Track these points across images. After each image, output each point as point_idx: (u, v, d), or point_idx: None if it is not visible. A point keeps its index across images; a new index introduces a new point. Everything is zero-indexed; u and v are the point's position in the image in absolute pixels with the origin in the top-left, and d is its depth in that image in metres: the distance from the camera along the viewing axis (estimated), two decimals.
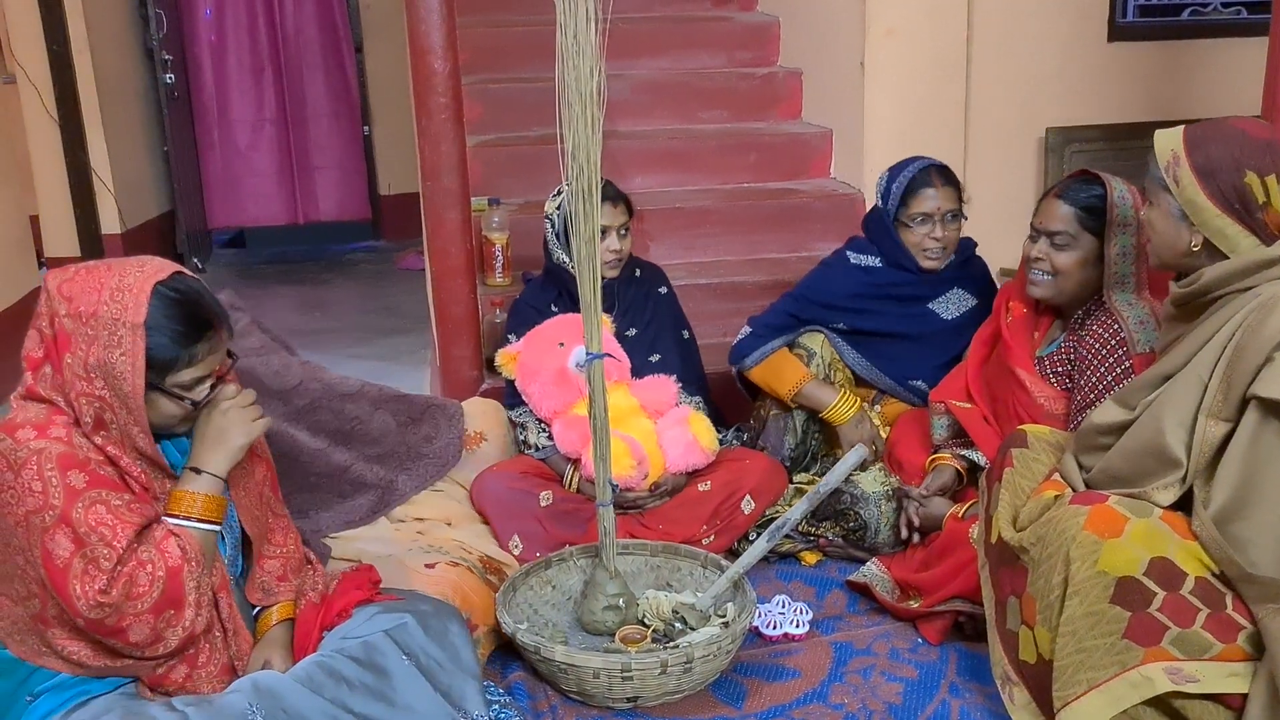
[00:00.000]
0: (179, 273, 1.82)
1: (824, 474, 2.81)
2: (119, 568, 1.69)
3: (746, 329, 3.00)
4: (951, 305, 2.94)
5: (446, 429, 2.86)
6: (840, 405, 2.86)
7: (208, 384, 1.85)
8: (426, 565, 2.41)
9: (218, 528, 1.84)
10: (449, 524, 2.68)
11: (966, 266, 2.97)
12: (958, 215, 2.85)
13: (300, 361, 2.66)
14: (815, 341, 2.94)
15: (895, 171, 2.87)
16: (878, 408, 3.02)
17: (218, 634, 1.87)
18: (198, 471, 1.84)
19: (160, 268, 1.80)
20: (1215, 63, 4.20)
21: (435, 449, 2.83)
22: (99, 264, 1.80)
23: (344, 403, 2.67)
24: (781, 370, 2.90)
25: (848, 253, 2.97)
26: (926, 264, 2.87)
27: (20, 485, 1.68)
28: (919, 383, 2.94)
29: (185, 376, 1.81)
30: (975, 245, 3.03)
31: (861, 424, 2.86)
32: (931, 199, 2.80)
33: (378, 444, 2.72)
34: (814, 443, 2.99)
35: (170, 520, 1.80)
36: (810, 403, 2.88)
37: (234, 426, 1.86)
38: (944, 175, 2.83)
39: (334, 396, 2.66)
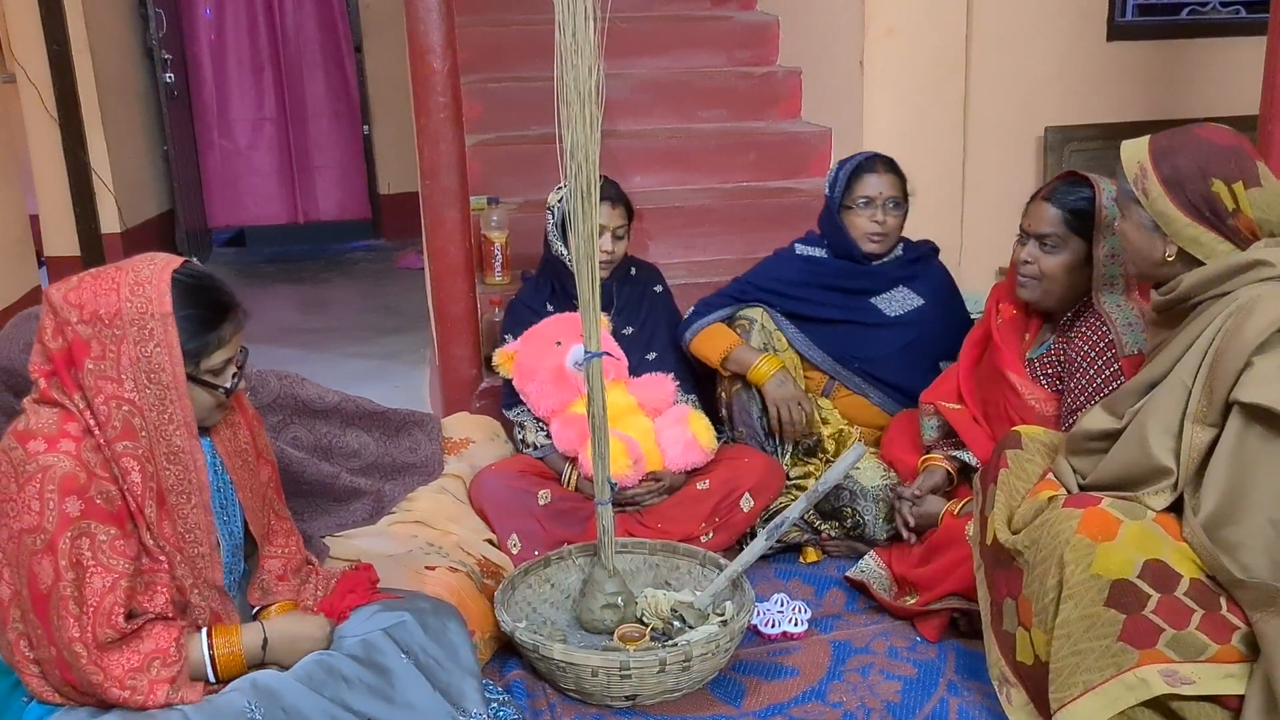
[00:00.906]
0: (187, 261, 1.83)
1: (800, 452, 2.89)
2: (84, 617, 1.68)
3: (691, 309, 3.05)
4: (895, 303, 2.98)
5: (426, 443, 2.86)
6: (760, 365, 2.84)
7: (233, 367, 1.86)
8: (427, 568, 2.41)
9: (213, 682, 1.82)
10: (449, 519, 2.68)
11: (916, 265, 3.00)
12: (900, 204, 2.93)
13: (278, 375, 2.62)
14: (755, 312, 2.97)
15: (843, 163, 2.98)
16: (828, 398, 3.02)
17: None
18: (264, 646, 1.86)
19: (169, 259, 1.81)
20: (1214, 62, 4.21)
21: (420, 458, 2.83)
22: (102, 269, 1.80)
23: (315, 420, 2.65)
24: (714, 339, 2.93)
25: (796, 244, 3.08)
26: (868, 247, 2.93)
27: (21, 500, 1.68)
28: (859, 364, 2.96)
29: (217, 360, 1.82)
30: (937, 251, 3.08)
31: (784, 384, 2.83)
32: (874, 184, 2.90)
33: (358, 457, 2.71)
34: None
35: (203, 640, 1.81)
36: (736, 366, 2.88)
37: (301, 648, 1.90)
38: (887, 164, 2.94)
39: (306, 414, 2.63)
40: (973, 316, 3.56)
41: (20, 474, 1.69)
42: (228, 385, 1.86)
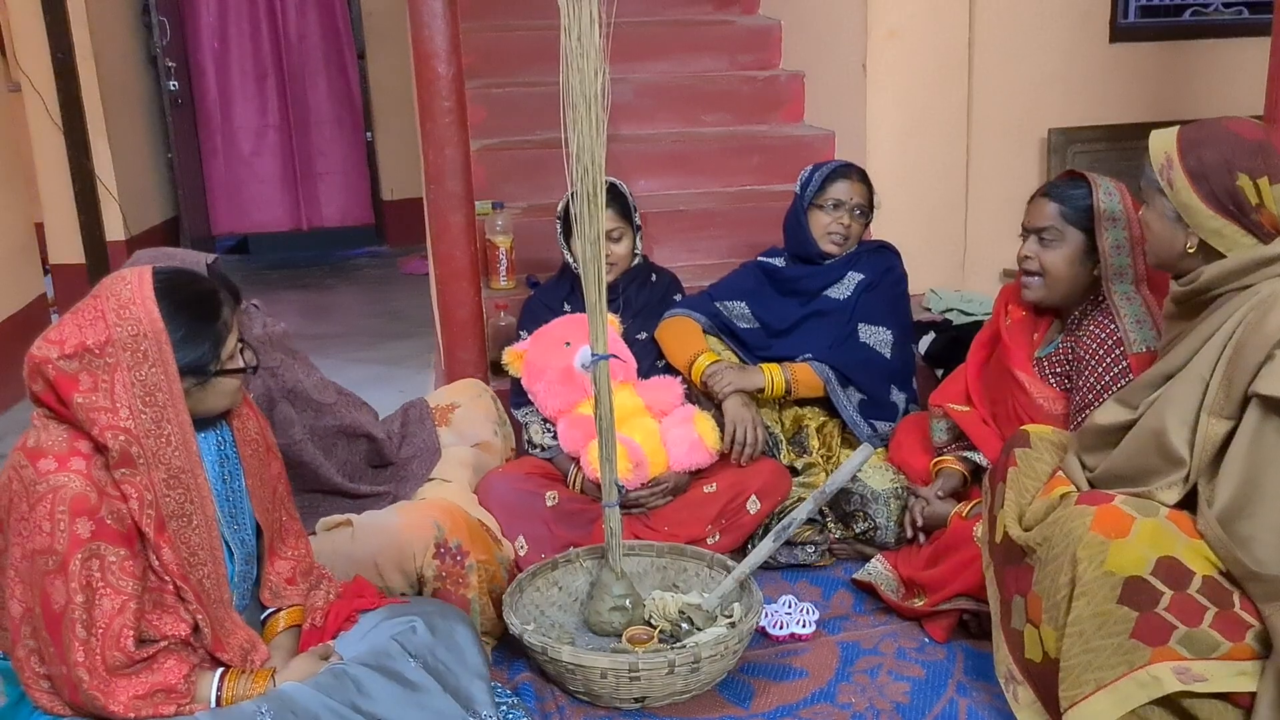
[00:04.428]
0: (156, 268, 1.81)
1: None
2: (92, 640, 1.68)
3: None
4: (844, 288, 3.03)
5: (421, 431, 2.81)
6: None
7: (239, 345, 1.87)
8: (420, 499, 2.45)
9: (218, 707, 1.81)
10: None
11: (867, 255, 3.06)
12: (865, 213, 3.06)
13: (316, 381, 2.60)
14: (711, 342, 3.00)
15: (818, 166, 3.10)
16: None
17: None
18: (274, 679, 1.85)
19: (140, 274, 1.78)
20: (1217, 63, 4.21)
21: (418, 447, 2.77)
22: (78, 306, 1.77)
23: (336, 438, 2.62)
24: (682, 338, 2.97)
25: (759, 257, 3.21)
26: (827, 247, 3.03)
27: (33, 521, 1.68)
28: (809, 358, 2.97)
29: (231, 345, 1.83)
30: (897, 254, 3.11)
31: (746, 406, 2.82)
32: (846, 189, 3.02)
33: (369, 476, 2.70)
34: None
35: (213, 684, 1.80)
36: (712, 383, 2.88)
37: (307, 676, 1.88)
38: (861, 175, 3.08)
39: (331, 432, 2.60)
40: (979, 318, 3.58)
41: (31, 494, 1.69)
42: (249, 364, 1.88)
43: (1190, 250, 1.96)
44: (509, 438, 3.00)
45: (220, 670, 1.84)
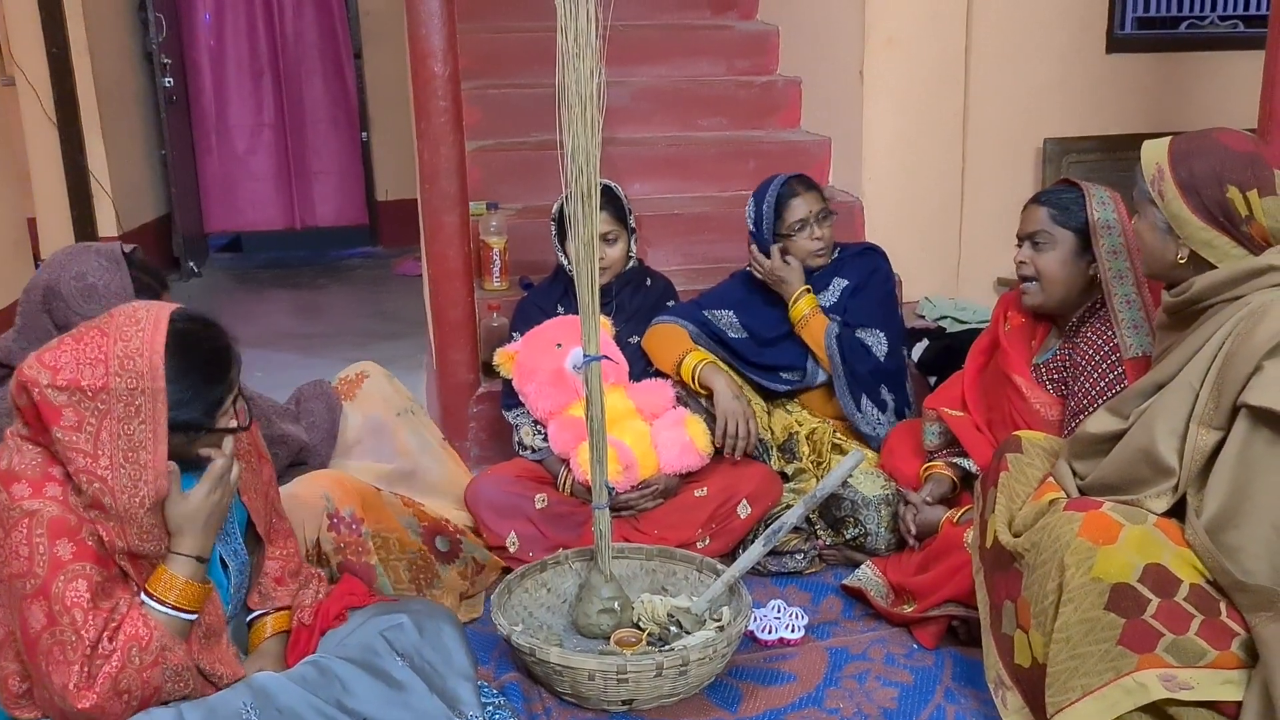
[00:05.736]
0: (173, 317, 1.73)
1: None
2: (86, 668, 1.63)
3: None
4: (830, 295, 3.02)
5: (315, 406, 2.76)
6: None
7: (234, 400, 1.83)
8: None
9: (193, 616, 1.77)
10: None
11: (851, 260, 3.05)
12: (829, 213, 3.00)
13: None
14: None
15: (759, 196, 2.99)
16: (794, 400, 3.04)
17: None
18: (178, 555, 1.77)
19: (156, 319, 1.71)
20: (1212, 75, 4.23)
21: (319, 423, 2.72)
22: (84, 332, 1.70)
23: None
24: (669, 340, 2.96)
25: (747, 266, 3.11)
26: (815, 263, 2.99)
27: (9, 546, 1.65)
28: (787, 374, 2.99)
29: (228, 403, 1.80)
30: (879, 250, 3.10)
31: (737, 399, 2.82)
32: (801, 205, 2.94)
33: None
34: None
35: (148, 600, 1.73)
36: (689, 373, 2.88)
37: (211, 512, 1.79)
38: (804, 182, 2.99)
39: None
40: (973, 326, 3.59)
41: (5, 519, 1.66)
42: (246, 423, 1.84)
43: (1181, 261, 1.97)
44: (419, 430, 2.87)
45: (136, 590, 1.75)
